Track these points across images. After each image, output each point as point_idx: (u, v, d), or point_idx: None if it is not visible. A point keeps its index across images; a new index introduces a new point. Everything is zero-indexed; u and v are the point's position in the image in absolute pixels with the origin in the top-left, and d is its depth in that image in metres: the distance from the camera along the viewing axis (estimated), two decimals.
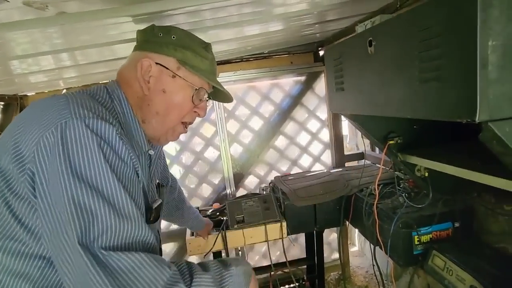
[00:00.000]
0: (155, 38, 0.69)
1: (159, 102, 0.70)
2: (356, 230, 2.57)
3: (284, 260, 1.96)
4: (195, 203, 2.00)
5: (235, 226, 1.55)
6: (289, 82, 2.01)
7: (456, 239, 1.22)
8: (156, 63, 0.67)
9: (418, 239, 1.21)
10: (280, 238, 1.61)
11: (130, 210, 0.52)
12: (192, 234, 1.55)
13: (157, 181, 0.84)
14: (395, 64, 0.67)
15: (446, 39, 0.53)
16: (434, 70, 0.56)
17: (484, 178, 0.78)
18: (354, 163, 2.17)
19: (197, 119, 1.85)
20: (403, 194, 1.37)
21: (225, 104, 1.93)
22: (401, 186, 1.49)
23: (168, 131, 0.75)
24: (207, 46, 0.75)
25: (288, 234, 1.62)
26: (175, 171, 1.97)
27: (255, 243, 1.62)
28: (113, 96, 0.66)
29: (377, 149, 2.08)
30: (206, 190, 2.04)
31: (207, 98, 0.78)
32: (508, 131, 0.50)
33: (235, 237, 1.54)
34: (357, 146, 2.34)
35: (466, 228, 1.23)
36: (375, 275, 1.54)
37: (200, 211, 1.60)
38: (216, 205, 1.80)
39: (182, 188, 1.30)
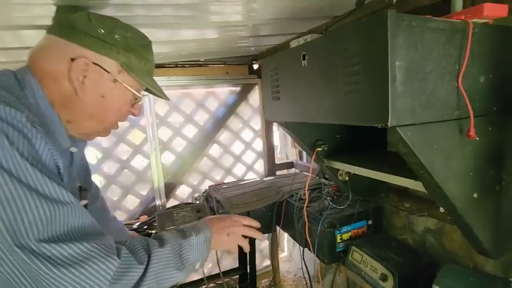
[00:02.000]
0: (93, 33, 0.60)
1: (96, 107, 0.63)
2: (285, 236, 2.70)
3: (217, 271, 1.93)
4: (119, 217, 1.80)
5: None
6: (225, 91, 2.04)
7: (369, 235, 1.41)
8: (94, 63, 0.60)
9: (340, 237, 1.35)
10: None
11: (59, 194, 0.46)
12: None
13: (79, 184, 0.74)
14: (324, 77, 0.75)
15: (363, 58, 0.62)
16: (354, 84, 0.65)
17: (392, 178, 0.93)
18: (284, 172, 2.30)
19: (124, 125, 1.73)
20: (328, 198, 1.52)
21: (157, 110, 1.83)
22: (325, 191, 1.65)
23: (101, 130, 0.68)
24: (148, 45, 0.71)
25: None
26: (95, 182, 1.74)
27: None
28: (23, 84, 0.56)
29: (304, 158, 2.26)
30: (132, 202, 1.86)
31: (144, 95, 0.74)
32: (409, 135, 0.61)
33: None
34: (287, 156, 2.50)
35: (376, 225, 1.43)
36: (304, 277, 1.64)
37: (125, 225, 1.45)
38: (144, 218, 1.66)
39: None
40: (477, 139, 0.67)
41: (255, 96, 2.10)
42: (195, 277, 2.04)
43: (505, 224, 0.83)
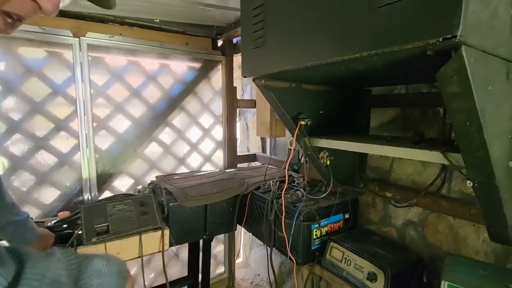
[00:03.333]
0: None
1: None
2: (241, 239, 2.44)
3: (161, 282, 1.57)
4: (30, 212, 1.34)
5: (94, 240, 1.08)
6: (182, 66, 1.73)
7: (345, 230, 1.24)
8: None
9: (316, 232, 1.15)
10: (160, 251, 1.24)
11: None
12: None
13: None
14: None
15: None
16: None
17: (400, 151, 0.76)
18: (245, 165, 2.06)
19: (44, 91, 1.31)
20: (301, 189, 1.32)
21: (93, 77, 1.44)
22: (295, 182, 1.46)
23: None
24: None
25: (171, 245, 1.27)
26: None
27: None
28: None
29: (267, 150, 2.06)
30: (49, 195, 1.41)
31: None
32: (472, 61, 0.44)
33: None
34: (248, 149, 2.27)
35: (353, 219, 1.27)
36: (270, 282, 1.39)
37: (35, 223, 1.03)
38: (64, 214, 1.24)
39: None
40: None
41: (217, 76, 1.83)
42: None
43: None
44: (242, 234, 2.41)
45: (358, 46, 0.52)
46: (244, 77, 0.87)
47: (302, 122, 0.99)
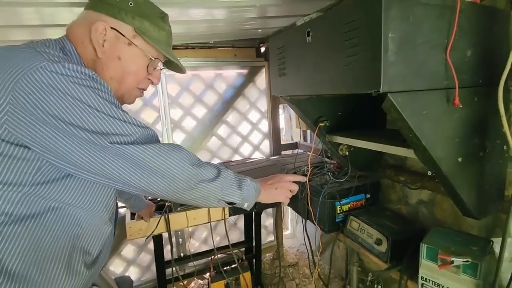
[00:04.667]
0: (111, 1, 0.69)
1: (114, 68, 0.71)
2: (289, 215, 2.83)
3: (224, 244, 2.06)
4: None
5: (179, 209, 1.57)
6: (232, 74, 2.12)
7: (367, 207, 1.51)
8: (112, 28, 0.68)
9: (340, 208, 1.45)
10: (222, 219, 1.69)
11: (129, 119, 0.62)
12: (132, 218, 1.52)
13: None
14: (327, 50, 0.83)
15: (361, 31, 0.70)
16: (353, 55, 0.74)
17: (387, 148, 1.02)
18: (289, 152, 2.40)
19: (138, 104, 1.84)
20: (329, 173, 1.62)
21: (169, 91, 1.93)
22: (327, 168, 1.75)
23: (124, 95, 0.77)
24: (164, 17, 0.78)
25: (230, 215, 1.71)
26: None
27: (198, 225, 1.66)
28: (65, 51, 0.66)
29: (308, 139, 2.35)
30: None
31: (162, 67, 0.83)
32: (400, 100, 0.70)
33: (178, 219, 1.56)
34: (292, 137, 2.59)
35: (374, 198, 1.53)
36: (306, 248, 1.75)
37: None
38: None
39: None
40: (461, 106, 0.75)
41: (261, 79, 2.18)
42: (204, 247, 2.19)
43: (487, 188, 0.92)
44: (290, 210, 2.79)
45: (336, 87, 0.82)
46: (274, 95, 1.20)
47: (321, 124, 1.28)
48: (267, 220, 2.47)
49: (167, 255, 1.79)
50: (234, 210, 1.73)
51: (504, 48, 0.82)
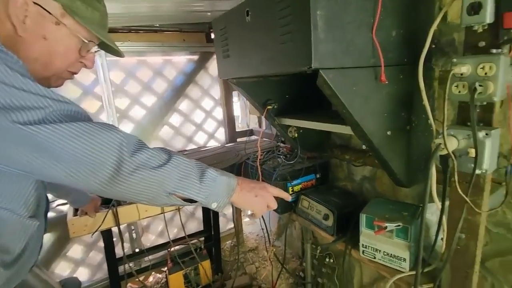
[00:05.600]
0: None
1: (39, 49, 0.63)
2: None
3: (181, 235, 2.02)
4: None
5: (127, 201, 1.50)
6: (182, 60, 2.04)
7: (317, 186, 1.58)
8: (34, 3, 0.60)
9: (291, 189, 1.50)
10: (177, 209, 1.66)
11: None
12: (76, 215, 1.41)
13: None
14: (264, 29, 0.83)
15: (293, 9, 0.72)
16: (288, 33, 0.75)
17: (328, 126, 1.07)
18: (245, 139, 2.41)
19: (77, 93, 1.69)
20: (281, 157, 1.66)
21: (113, 78, 1.80)
22: (280, 151, 1.80)
23: (51, 78, 0.69)
24: None
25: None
26: None
27: (150, 216, 1.61)
28: None
29: (263, 125, 2.38)
30: None
31: (96, 50, 0.75)
32: (331, 77, 0.73)
33: (128, 212, 1.49)
34: (248, 124, 2.60)
35: (324, 178, 1.61)
36: (263, 232, 1.80)
37: None
38: None
39: None
40: (387, 83, 0.81)
41: (214, 65, 2.13)
42: (162, 241, 2.13)
43: (415, 159, 1.02)
44: None
45: (274, 67, 0.83)
46: (220, 77, 1.18)
47: (269, 107, 1.30)
48: (226, 208, 2.47)
49: (121, 252, 1.71)
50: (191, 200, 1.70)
51: (428, 29, 0.90)
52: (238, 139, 2.28)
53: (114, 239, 1.66)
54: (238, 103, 2.67)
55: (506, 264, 0.97)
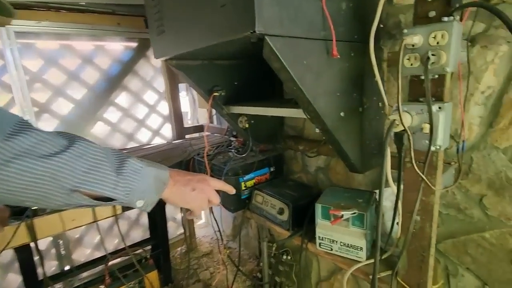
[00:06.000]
0: None
1: None
2: None
3: (128, 244, 1.78)
4: None
5: (48, 210, 1.24)
6: (118, 47, 1.80)
7: (271, 180, 1.50)
8: None
9: (244, 184, 1.39)
10: (113, 215, 1.43)
11: None
12: None
13: None
14: None
15: None
16: None
17: (278, 111, 0.98)
18: (196, 135, 2.24)
19: None
20: (232, 150, 1.54)
21: (27, 65, 1.49)
22: (231, 146, 1.68)
23: None
24: None
25: (124, 210, 1.46)
26: None
27: (79, 227, 1.35)
28: None
29: (215, 120, 2.24)
30: None
31: None
32: (279, 46, 0.63)
33: (49, 223, 1.23)
34: (198, 120, 2.43)
35: (278, 171, 1.53)
36: (216, 234, 1.66)
37: None
38: None
39: None
40: (339, 57, 0.74)
41: None
42: (98, 254, 1.85)
43: (368, 143, 0.98)
44: None
45: (213, 36, 0.70)
46: (156, 58, 1.02)
47: (216, 94, 1.17)
48: (176, 212, 2.27)
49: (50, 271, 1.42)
50: (126, 206, 1.48)
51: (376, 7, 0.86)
52: (188, 136, 2.11)
53: (36, 257, 1.38)
54: (187, 98, 2.49)
55: (458, 245, 0.98)
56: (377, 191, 1.04)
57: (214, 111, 2.28)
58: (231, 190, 0.77)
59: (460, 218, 0.96)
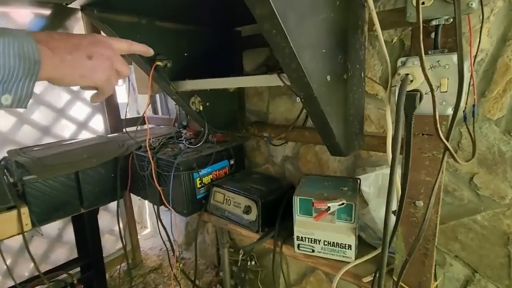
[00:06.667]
0: None
1: None
2: (147, 208, 2.32)
3: (47, 269, 1.36)
4: None
5: None
6: (26, 14, 1.38)
7: (231, 174, 1.27)
8: None
9: (200, 181, 1.14)
10: (19, 233, 1.05)
11: None
12: None
13: None
14: None
15: None
16: None
17: (247, 80, 0.76)
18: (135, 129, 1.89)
19: None
20: (184, 142, 1.28)
21: None
22: (182, 137, 1.40)
23: None
24: None
25: (34, 225, 1.08)
26: None
27: None
28: None
29: (159, 111, 1.92)
30: None
31: None
32: None
33: None
34: (138, 112, 2.07)
35: (239, 164, 1.31)
36: (165, 245, 1.36)
37: None
38: None
39: None
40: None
41: (79, 29, 1.54)
42: (9, 283, 1.39)
43: (351, 119, 0.83)
44: (146, 204, 2.29)
45: None
46: (67, 4, 0.72)
47: (159, 63, 0.90)
48: (113, 222, 1.88)
49: None
50: (41, 216, 1.10)
51: None
52: (127, 129, 1.74)
53: None
54: (124, 86, 2.11)
55: (447, 232, 0.88)
56: (361, 177, 0.89)
57: (158, 99, 1.96)
58: (147, 51, 0.58)
59: (448, 201, 0.87)
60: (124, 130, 1.71)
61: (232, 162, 1.28)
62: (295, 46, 0.53)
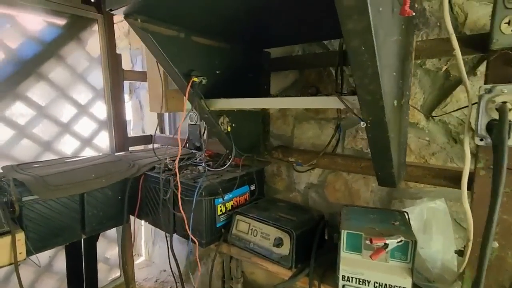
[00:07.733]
0: None
1: None
2: (142, 235, 2.15)
3: None
4: None
5: None
6: (38, 21, 1.31)
7: (252, 201, 1.18)
8: None
9: (221, 208, 1.04)
10: (12, 263, 0.90)
11: None
12: None
13: None
14: None
15: None
16: None
17: (278, 102, 0.70)
18: (141, 148, 1.78)
19: None
20: (202, 164, 1.19)
21: None
22: (197, 159, 1.31)
23: None
24: None
25: (30, 254, 0.94)
26: None
27: None
28: None
29: (167, 130, 1.83)
30: None
31: None
32: None
33: None
34: (143, 130, 1.98)
35: (259, 190, 1.22)
36: (174, 276, 1.23)
37: None
38: None
39: None
40: (413, 14, 0.52)
41: (94, 41, 1.48)
42: None
43: (403, 148, 0.78)
44: (143, 229, 2.12)
45: None
46: (111, 10, 0.65)
47: (196, 79, 0.84)
48: (108, 249, 1.71)
49: None
50: (38, 243, 0.96)
51: None
52: (131, 148, 1.64)
53: None
54: (130, 103, 2.03)
55: None
56: (407, 209, 0.83)
57: (166, 118, 1.87)
58: None
59: None
60: (152, 147, 1.61)
61: (253, 187, 1.20)
62: (380, 66, 0.48)
